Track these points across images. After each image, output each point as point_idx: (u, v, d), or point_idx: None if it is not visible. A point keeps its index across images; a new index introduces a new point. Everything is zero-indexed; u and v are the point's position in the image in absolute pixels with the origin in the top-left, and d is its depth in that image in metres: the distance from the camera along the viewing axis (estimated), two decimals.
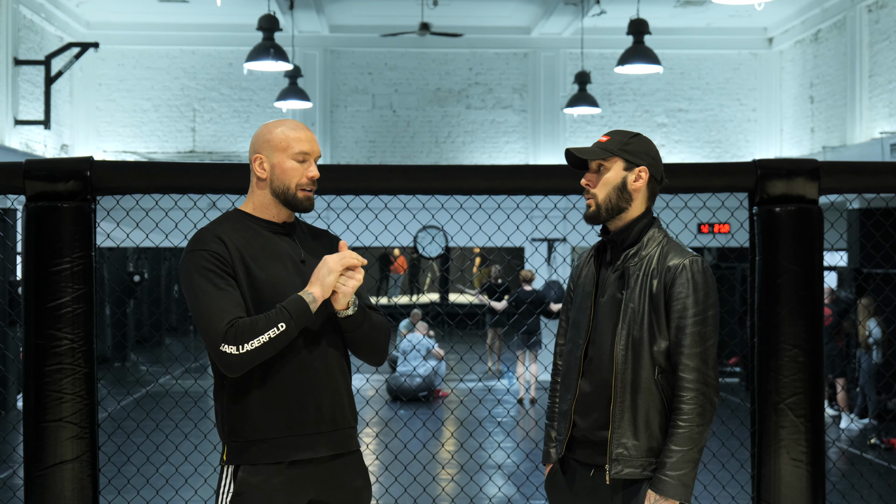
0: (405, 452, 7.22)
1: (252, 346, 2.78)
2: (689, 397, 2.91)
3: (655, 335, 2.96)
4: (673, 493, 2.89)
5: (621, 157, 3.04)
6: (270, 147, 2.97)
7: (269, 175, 2.96)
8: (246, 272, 2.88)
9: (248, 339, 2.77)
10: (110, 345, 16.19)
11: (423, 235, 15.42)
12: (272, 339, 2.79)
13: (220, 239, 2.89)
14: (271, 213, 3.00)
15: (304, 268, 2.97)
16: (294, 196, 2.96)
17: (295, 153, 2.96)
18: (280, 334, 2.80)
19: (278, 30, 12.47)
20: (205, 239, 2.90)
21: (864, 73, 13.26)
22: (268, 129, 3.00)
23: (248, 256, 2.90)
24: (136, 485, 6.21)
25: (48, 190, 3.71)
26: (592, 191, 3.06)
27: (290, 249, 2.98)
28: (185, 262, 2.90)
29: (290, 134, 2.97)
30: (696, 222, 15.05)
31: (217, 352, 2.78)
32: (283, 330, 2.80)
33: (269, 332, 2.79)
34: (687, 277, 2.95)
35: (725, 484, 5.81)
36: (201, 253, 2.87)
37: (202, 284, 2.83)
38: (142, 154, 15.74)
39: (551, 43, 16.08)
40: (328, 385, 2.93)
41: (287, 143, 2.96)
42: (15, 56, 12.98)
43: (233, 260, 2.88)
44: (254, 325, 2.79)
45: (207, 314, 2.80)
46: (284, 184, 2.96)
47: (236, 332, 2.78)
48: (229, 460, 2.91)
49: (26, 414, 3.68)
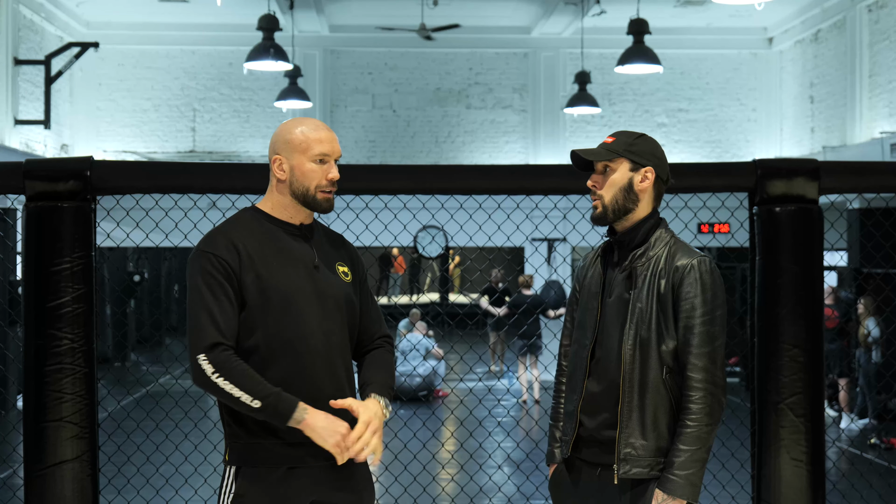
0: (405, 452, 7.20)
1: (221, 385, 2.75)
2: (697, 397, 2.92)
3: (663, 335, 2.96)
4: (681, 492, 2.90)
5: (627, 158, 3.03)
6: (290, 148, 2.93)
7: (289, 176, 2.94)
8: (256, 278, 2.86)
9: (227, 376, 2.75)
10: (110, 345, 16.19)
11: (423, 235, 15.42)
12: (237, 399, 2.76)
13: (234, 246, 2.88)
14: (289, 214, 2.97)
15: (316, 274, 2.94)
16: (314, 198, 2.94)
17: (315, 154, 2.93)
18: (246, 405, 2.75)
19: (278, 30, 12.47)
20: (218, 243, 2.88)
21: (864, 73, 13.26)
22: (287, 129, 2.96)
23: (261, 263, 2.88)
24: (136, 485, 6.20)
25: (48, 190, 3.70)
26: (599, 192, 3.05)
27: (305, 254, 2.95)
28: (193, 259, 2.89)
29: (311, 135, 2.93)
30: (696, 222, 15.05)
31: (193, 358, 2.79)
32: (252, 406, 2.75)
33: (244, 395, 2.75)
34: (695, 277, 2.95)
35: (725, 484, 5.80)
36: (210, 256, 2.86)
37: (203, 290, 2.83)
38: (142, 154, 15.74)
39: (551, 43, 16.08)
40: (331, 393, 2.91)
41: (307, 144, 2.92)
42: (15, 56, 12.98)
43: (242, 269, 2.86)
44: (242, 374, 2.77)
45: (201, 321, 2.81)
46: (304, 185, 2.93)
47: (226, 362, 2.77)
48: (231, 461, 2.90)
49: (26, 414, 3.67)
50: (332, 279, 2.98)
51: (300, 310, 2.89)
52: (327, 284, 2.96)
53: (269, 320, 2.87)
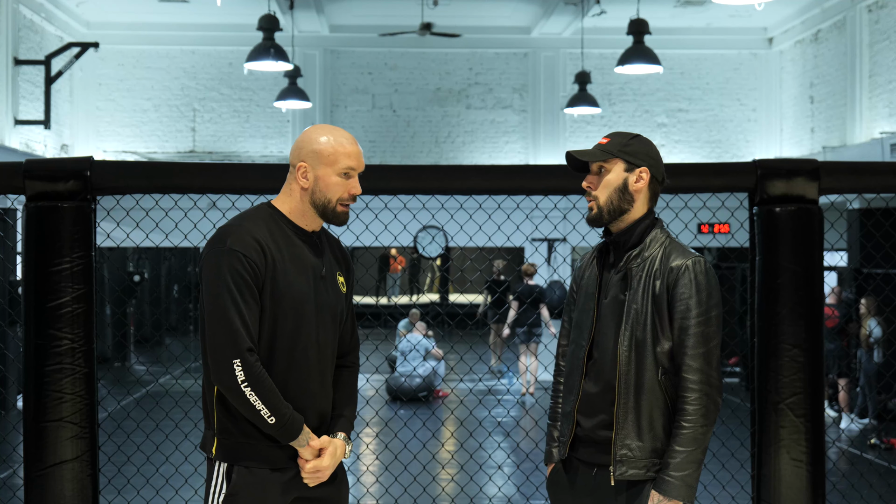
0: (405, 452, 7.21)
1: (249, 394, 2.80)
2: (692, 398, 2.92)
3: (659, 336, 2.96)
4: (677, 493, 2.90)
5: (622, 159, 3.03)
6: (317, 158, 2.92)
7: (312, 186, 2.93)
8: (273, 282, 2.86)
9: (255, 388, 2.80)
10: (110, 345, 16.19)
11: (423, 235, 15.42)
12: (257, 412, 2.81)
13: (262, 249, 2.86)
14: (305, 221, 2.98)
15: (321, 284, 2.96)
16: (333, 210, 2.95)
17: (342, 168, 2.93)
18: (263, 420, 2.82)
19: (278, 30, 12.47)
20: (245, 241, 2.85)
21: (864, 73, 13.26)
22: (315, 139, 2.94)
23: (280, 268, 2.88)
24: (136, 485, 6.20)
25: (48, 190, 3.70)
26: (594, 193, 3.05)
27: (315, 263, 2.96)
28: (218, 255, 2.84)
29: (340, 149, 2.93)
30: (696, 222, 15.05)
31: (228, 363, 2.78)
32: (268, 421, 2.82)
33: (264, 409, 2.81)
34: (690, 278, 2.95)
35: (725, 484, 5.80)
36: (241, 257, 2.83)
37: (233, 293, 2.81)
38: (142, 154, 15.74)
39: (551, 43, 16.08)
40: (318, 396, 2.96)
41: (335, 157, 2.92)
42: (15, 56, 12.98)
43: (265, 272, 2.85)
44: (270, 390, 2.82)
45: (230, 322, 2.79)
46: (326, 197, 2.93)
47: (258, 375, 2.80)
48: (222, 457, 2.92)
49: (26, 414, 3.67)
50: (332, 290, 3.01)
51: (304, 320, 2.91)
52: (328, 296, 2.99)
53: (276, 327, 2.88)
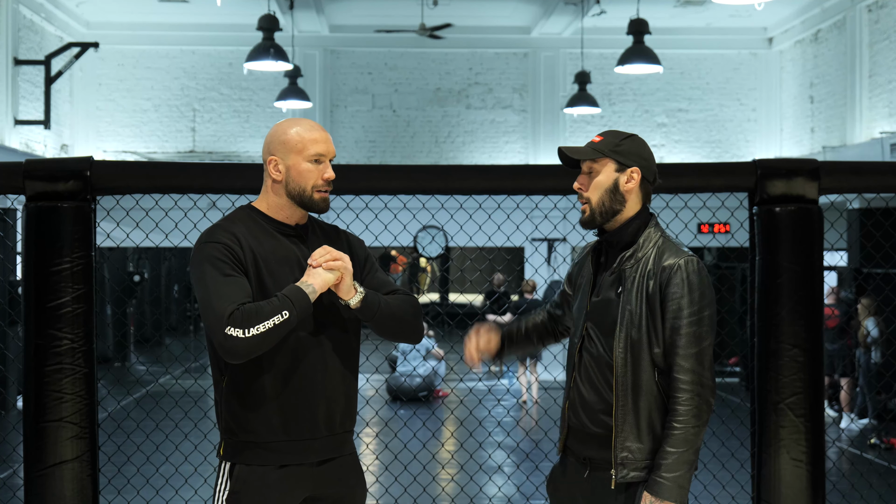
0: (405, 452, 7.21)
1: (258, 331, 2.73)
2: (684, 398, 2.90)
3: (653, 337, 2.94)
4: (668, 494, 2.88)
5: (612, 159, 3.01)
6: (286, 149, 2.94)
7: (285, 177, 2.94)
8: (257, 274, 2.87)
9: (254, 323, 2.73)
10: (110, 345, 16.20)
11: (423, 235, 15.43)
12: (276, 325, 2.75)
13: (236, 237, 2.88)
14: (285, 215, 2.98)
15: None
16: (310, 198, 2.95)
17: (311, 155, 2.93)
18: (283, 322, 2.76)
19: (278, 30, 12.47)
20: (218, 234, 2.89)
21: (864, 73, 13.26)
22: (282, 130, 2.96)
23: (261, 259, 2.89)
24: (136, 485, 6.20)
25: (48, 190, 3.70)
26: (585, 195, 3.03)
27: (299, 255, 2.96)
28: (196, 252, 2.88)
29: (306, 135, 2.94)
30: (696, 222, 15.05)
31: (222, 335, 2.72)
32: (286, 318, 2.77)
33: (274, 318, 2.75)
34: (682, 277, 2.93)
35: (725, 484, 5.80)
36: (214, 245, 2.85)
37: (211, 272, 2.80)
38: (142, 154, 15.74)
39: (551, 43, 16.08)
40: (325, 391, 2.93)
41: (303, 144, 2.93)
42: (15, 56, 12.98)
43: (245, 259, 2.86)
44: (259, 310, 2.75)
45: (216, 298, 2.76)
46: (300, 186, 2.94)
47: (242, 315, 2.73)
48: (225, 456, 2.92)
49: (26, 414, 3.67)
50: None
51: None
52: None
53: None
